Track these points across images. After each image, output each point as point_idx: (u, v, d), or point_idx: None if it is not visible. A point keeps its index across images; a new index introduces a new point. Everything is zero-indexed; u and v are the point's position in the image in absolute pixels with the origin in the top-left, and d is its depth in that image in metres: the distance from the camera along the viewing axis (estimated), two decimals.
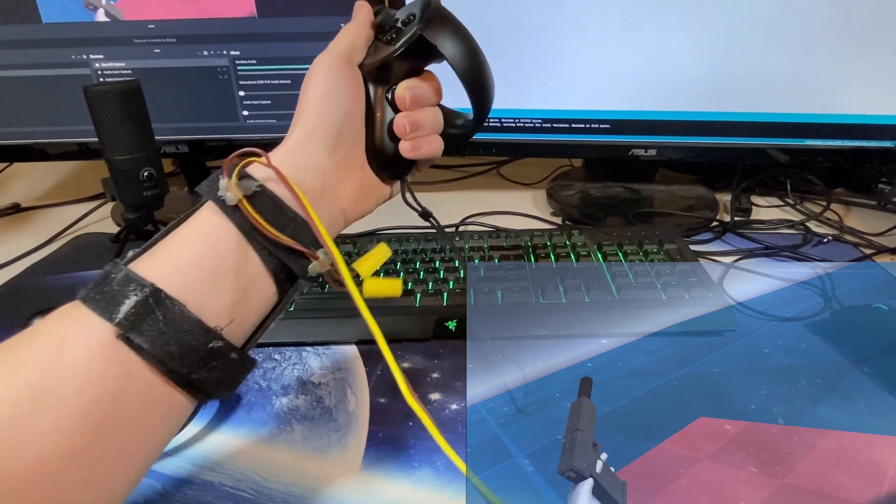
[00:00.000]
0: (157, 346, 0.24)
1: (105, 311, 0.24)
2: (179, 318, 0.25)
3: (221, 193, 0.27)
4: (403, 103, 0.33)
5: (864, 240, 0.64)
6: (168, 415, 0.26)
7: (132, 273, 0.25)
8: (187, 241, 0.27)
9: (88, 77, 0.65)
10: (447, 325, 0.48)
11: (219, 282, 0.26)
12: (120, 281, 0.25)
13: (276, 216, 0.28)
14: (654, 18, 0.61)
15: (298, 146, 0.31)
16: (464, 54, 0.33)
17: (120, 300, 0.24)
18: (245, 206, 0.27)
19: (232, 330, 0.27)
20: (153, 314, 0.24)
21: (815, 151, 0.66)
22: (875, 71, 0.61)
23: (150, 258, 0.26)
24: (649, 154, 0.68)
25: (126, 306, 0.24)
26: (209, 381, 0.26)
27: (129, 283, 0.24)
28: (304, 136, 0.31)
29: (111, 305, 0.24)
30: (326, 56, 0.33)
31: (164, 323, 0.24)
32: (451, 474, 0.37)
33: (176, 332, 0.24)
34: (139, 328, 0.24)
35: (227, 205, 0.27)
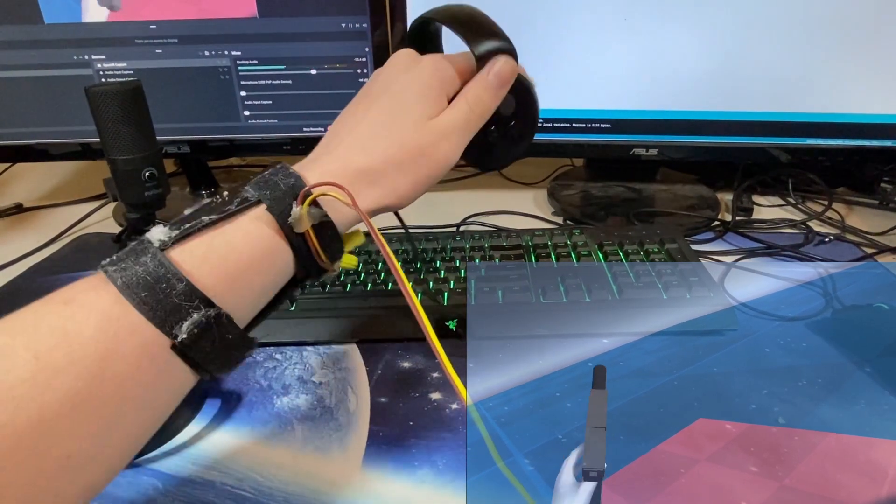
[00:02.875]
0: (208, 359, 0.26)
1: (157, 318, 0.24)
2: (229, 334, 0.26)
3: (292, 221, 0.28)
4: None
5: (866, 239, 0.64)
6: (165, 389, 0.26)
7: (165, 261, 0.25)
8: (239, 249, 0.27)
9: (90, 77, 0.65)
10: (448, 325, 0.48)
11: (255, 289, 0.28)
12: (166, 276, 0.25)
13: (331, 243, 0.29)
14: (656, 18, 0.61)
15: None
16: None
17: (179, 312, 0.25)
18: (311, 237, 0.28)
19: (242, 318, 0.28)
20: (210, 332, 0.25)
21: (816, 151, 0.66)
22: (877, 70, 0.61)
23: (198, 256, 0.26)
24: (650, 153, 0.68)
25: (186, 323, 0.25)
26: (213, 360, 0.26)
27: (186, 292, 0.25)
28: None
29: (166, 315, 0.24)
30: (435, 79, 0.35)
31: (218, 340, 0.26)
32: (452, 473, 0.37)
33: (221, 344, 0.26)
34: (197, 346, 0.25)
35: (293, 230, 0.28)
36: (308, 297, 0.51)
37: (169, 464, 0.38)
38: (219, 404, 0.43)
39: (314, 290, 0.52)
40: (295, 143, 0.70)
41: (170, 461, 0.38)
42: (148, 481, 0.37)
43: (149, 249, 0.25)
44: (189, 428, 0.41)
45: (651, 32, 0.61)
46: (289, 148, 0.70)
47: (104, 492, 0.36)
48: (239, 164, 0.89)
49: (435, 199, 0.78)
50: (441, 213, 0.71)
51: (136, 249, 0.26)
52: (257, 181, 0.29)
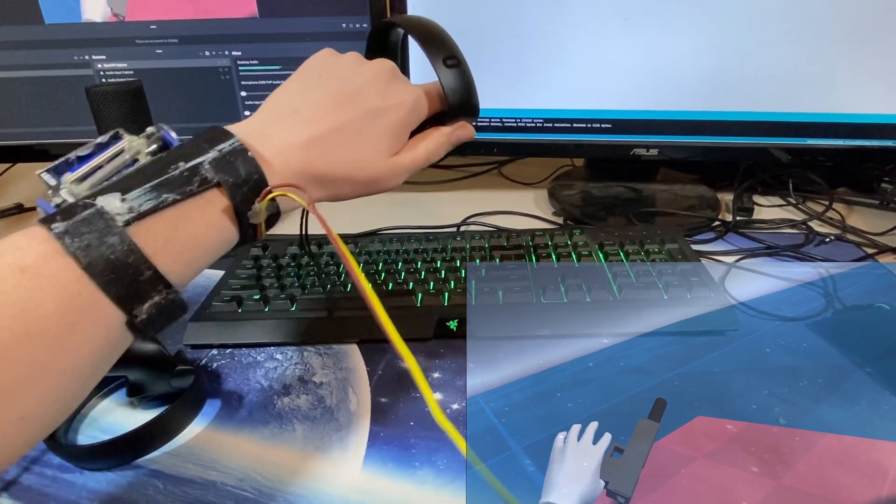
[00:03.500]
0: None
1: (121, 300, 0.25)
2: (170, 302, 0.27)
3: (250, 214, 0.29)
4: None
5: (867, 239, 0.64)
6: (107, 343, 0.26)
7: (134, 247, 0.25)
8: (200, 237, 0.28)
9: (91, 78, 0.65)
10: (448, 325, 0.48)
11: (202, 266, 0.29)
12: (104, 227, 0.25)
13: (274, 222, 0.32)
14: (656, 18, 0.61)
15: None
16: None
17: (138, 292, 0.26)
18: (262, 228, 0.31)
19: (179, 281, 0.28)
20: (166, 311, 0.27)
21: (817, 151, 0.66)
22: (877, 70, 0.61)
23: (158, 235, 0.27)
24: (651, 154, 0.68)
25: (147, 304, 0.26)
26: (151, 316, 0.26)
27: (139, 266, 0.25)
28: None
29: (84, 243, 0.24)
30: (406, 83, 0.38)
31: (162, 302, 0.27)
32: (453, 474, 0.37)
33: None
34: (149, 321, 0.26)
35: (249, 221, 0.30)
36: (308, 297, 0.51)
37: (169, 464, 0.38)
38: (219, 405, 0.43)
39: (314, 291, 0.52)
40: None
41: (170, 461, 0.38)
42: (148, 481, 0.37)
43: (113, 228, 0.25)
44: (190, 428, 0.41)
45: (651, 32, 0.61)
46: None
47: (104, 492, 0.36)
48: None
49: (435, 199, 0.78)
50: (441, 213, 0.71)
51: (95, 223, 0.25)
52: (216, 162, 0.29)
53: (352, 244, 0.59)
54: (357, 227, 0.68)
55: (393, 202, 0.77)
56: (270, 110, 0.34)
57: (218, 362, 0.47)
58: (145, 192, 0.27)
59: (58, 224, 0.25)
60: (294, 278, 0.53)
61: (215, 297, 0.52)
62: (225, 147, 0.29)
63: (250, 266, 0.56)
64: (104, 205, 0.25)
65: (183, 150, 0.29)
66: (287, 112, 0.33)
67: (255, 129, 0.32)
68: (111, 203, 0.26)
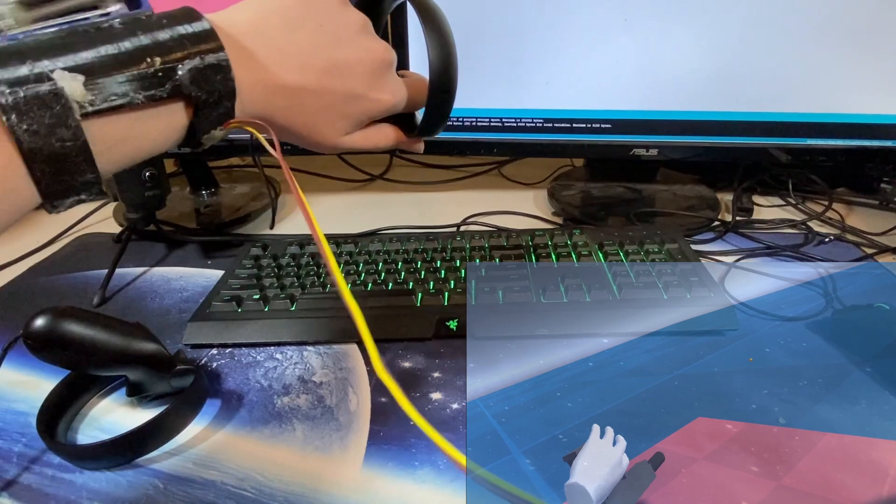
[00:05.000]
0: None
1: (47, 194, 0.23)
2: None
3: (206, 138, 0.28)
4: None
5: (866, 239, 0.64)
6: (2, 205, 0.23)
7: (86, 149, 0.23)
8: (150, 142, 0.26)
9: None
10: (448, 325, 0.48)
11: (134, 157, 0.27)
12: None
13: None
14: (656, 18, 0.61)
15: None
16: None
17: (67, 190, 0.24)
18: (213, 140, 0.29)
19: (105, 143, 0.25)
20: (81, 201, 0.25)
21: (816, 151, 0.66)
22: (877, 70, 0.61)
23: (111, 135, 0.24)
24: (650, 154, 0.68)
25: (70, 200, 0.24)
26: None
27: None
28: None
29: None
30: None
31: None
32: (453, 473, 0.37)
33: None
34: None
35: (199, 137, 0.28)
36: (308, 296, 0.51)
37: (169, 464, 0.38)
38: (219, 404, 0.43)
39: (314, 290, 0.52)
40: None
41: (170, 461, 0.38)
42: (148, 481, 0.37)
43: (69, 119, 0.22)
44: (189, 428, 0.41)
45: (651, 32, 0.61)
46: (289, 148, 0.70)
47: (104, 491, 0.36)
48: (239, 164, 0.89)
49: (435, 199, 0.78)
50: (441, 213, 0.71)
51: (50, 106, 0.22)
52: (195, 72, 0.26)
53: (352, 244, 0.59)
54: (357, 227, 0.68)
55: (393, 202, 0.77)
56: (259, 28, 0.30)
57: (218, 362, 0.47)
58: (113, 84, 0.23)
59: (5, 91, 0.21)
60: (294, 278, 0.53)
61: (215, 297, 0.52)
62: (209, 58, 0.26)
63: (250, 266, 0.56)
64: (64, 86, 0.22)
65: (158, 38, 0.25)
66: (272, 45, 0.30)
67: (237, 42, 0.28)
68: (73, 86, 0.22)
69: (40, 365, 0.38)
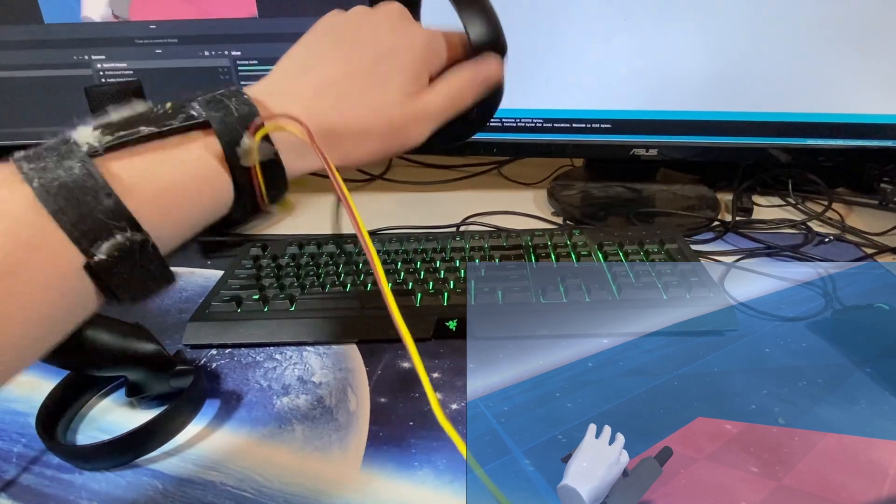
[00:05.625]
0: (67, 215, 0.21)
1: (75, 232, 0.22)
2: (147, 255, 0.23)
3: (240, 152, 0.25)
4: None
5: (866, 239, 0.64)
6: (63, 292, 0.22)
7: (94, 170, 0.22)
8: (177, 174, 0.25)
9: (90, 77, 0.65)
10: (448, 325, 0.48)
11: (186, 219, 0.25)
12: (80, 163, 0.22)
13: (276, 184, 0.27)
14: (655, 18, 0.61)
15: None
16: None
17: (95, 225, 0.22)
18: (257, 173, 0.25)
19: (169, 241, 0.25)
20: (132, 258, 0.23)
21: (816, 151, 0.66)
22: (877, 70, 0.61)
23: (128, 168, 0.23)
24: (650, 154, 0.68)
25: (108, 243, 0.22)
26: (122, 281, 0.23)
27: (105, 198, 0.22)
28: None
29: (84, 225, 0.21)
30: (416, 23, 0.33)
31: (138, 266, 0.23)
32: (452, 474, 0.37)
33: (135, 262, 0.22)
34: (113, 272, 0.22)
35: (239, 161, 0.25)
36: (308, 297, 0.51)
37: (169, 464, 0.38)
38: (218, 404, 0.43)
39: (314, 291, 0.52)
40: None
41: (170, 461, 0.38)
42: (148, 481, 0.37)
43: (76, 153, 0.22)
44: (189, 428, 0.41)
45: (651, 32, 0.61)
46: None
47: (104, 492, 0.36)
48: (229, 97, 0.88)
49: (435, 199, 0.78)
50: (441, 213, 0.71)
51: (58, 149, 0.22)
52: (208, 99, 0.26)
53: (351, 244, 0.59)
54: None
55: (393, 202, 0.77)
56: (278, 71, 0.30)
57: (217, 362, 0.47)
58: (121, 123, 0.24)
59: (21, 152, 0.22)
60: (293, 278, 0.53)
61: (214, 297, 0.52)
62: (222, 90, 0.26)
63: (250, 266, 0.56)
64: (73, 134, 0.23)
65: (177, 97, 0.26)
66: (295, 69, 0.30)
67: (260, 88, 0.29)
68: (82, 132, 0.23)
69: (40, 365, 0.38)
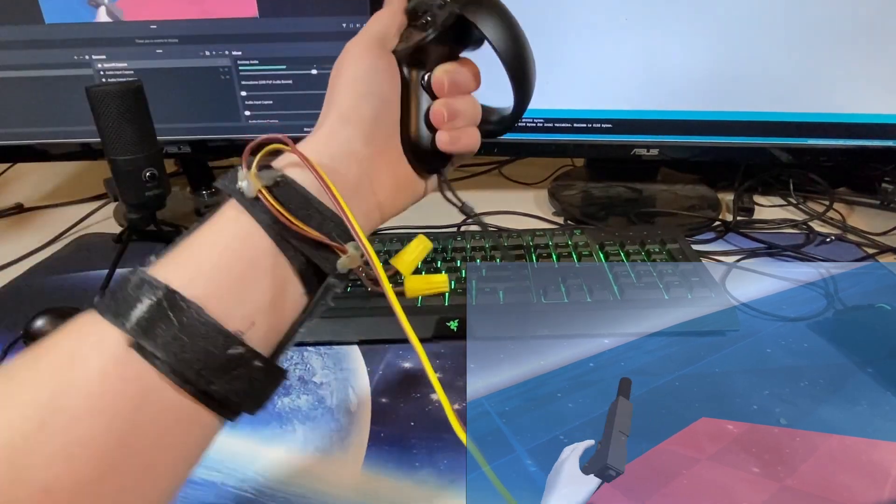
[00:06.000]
0: (172, 354, 0.21)
1: (117, 317, 0.22)
2: (196, 323, 0.22)
3: (240, 184, 0.25)
4: (441, 88, 0.31)
5: (868, 239, 0.64)
6: (192, 434, 0.23)
7: (147, 276, 0.23)
8: (210, 241, 0.25)
9: (91, 77, 0.65)
10: (449, 325, 0.48)
11: (244, 286, 0.24)
12: (134, 285, 0.23)
13: (300, 207, 0.25)
14: (656, 18, 0.61)
15: (332, 134, 0.29)
16: (506, 33, 0.31)
17: (132, 304, 0.22)
18: (265, 196, 0.25)
19: (256, 336, 0.24)
20: (167, 318, 0.22)
21: (817, 151, 0.66)
22: (878, 70, 0.61)
23: (170, 261, 0.24)
24: (651, 154, 0.68)
25: (138, 311, 0.22)
26: (232, 394, 0.23)
27: (143, 286, 0.22)
28: (338, 122, 0.29)
29: (123, 311, 0.22)
30: (359, 40, 0.31)
31: (179, 328, 0.22)
32: (453, 474, 0.37)
33: (192, 337, 0.22)
34: (152, 334, 0.21)
35: (246, 197, 0.25)
36: None
37: None
38: None
39: None
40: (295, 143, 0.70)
41: None
42: None
43: (155, 286, 0.23)
44: None
45: (651, 32, 0.61)
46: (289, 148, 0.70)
47: None
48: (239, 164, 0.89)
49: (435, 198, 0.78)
50: (442, 213, 0.71)
51: (162, 315, 0.22)
52: (228, 173, 0.26)
53: None
54: None
55: None
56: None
57: None
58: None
59: (123, 320, 0.22)
60: None
61: None
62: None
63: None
64: (144, 274, 0.23)
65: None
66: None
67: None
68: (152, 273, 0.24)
69: None
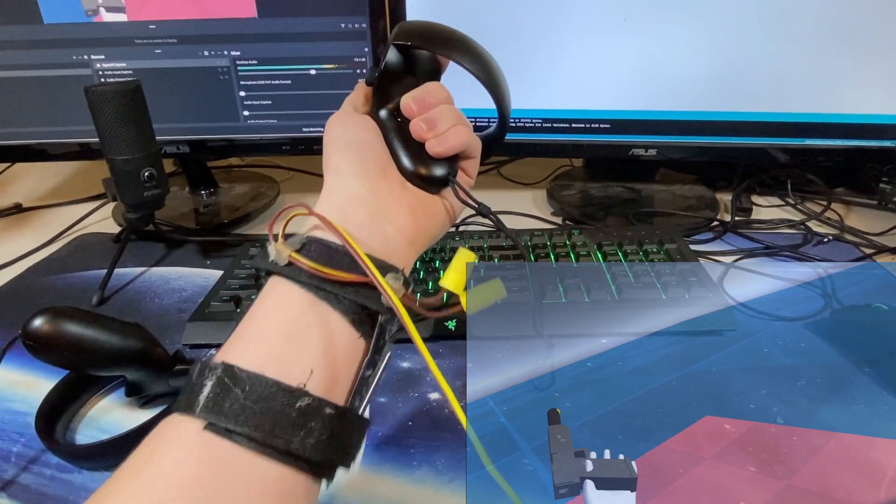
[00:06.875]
0: (243, 422, 0.22)
1: (188, 408, 0.23)
2: (259, 388, 0.23)
3: (273, 258, 0.27)
4: (410, 111, 0.33)
5: (865, 239, 0.64)
6: (286, 501, 0.23)
7: (206, 362, 0.24)
8: (258, 315, 0.27)
9: (89, 77, 0.65)
10: (447, 325, 0.48)
11: (295, 343, 0.25)
12: (197, 374, 0.24)
13: (331, 258, 0.27)
14: (655, 18, 0.61)
15: (333, 189, 0.31)
16: (448, 39, 0.34)
17: (198, 391, 0.23)
18: (297, 258, 0.27)
19: (317, 385, 0.25)
20: (230, 392, 0.23)
21: (815, 151, 0.66)
22: (876, 70, 0.61)
23: (226, 344, 0.26)
24: (649, 154, 0.68)
25: (204, 394, 0.23)
26: (312, 448, 0.23)
27: (204, 372, 0.24)
28: (334, 177, 0.32)
29: (192, 400, 0.23)
30: (335, 113, 0.35)
31: (244, 397, 0.23)
32: (452, 473, 0.37)
33: (258, 401, 0.23)
34: (220, 410, 0.22)
35: (280, 266, 0.27)
36: None
37: None
38: None
39: None
40: (294, 143, 0.70)
41: None
42: None
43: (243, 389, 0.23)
44: None
45: (651, 32, 0.61)
46: (288, 148, 0.70)
47: None
48: (238, 164, 0.89)
49: None
50: None
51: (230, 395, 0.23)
52: (258, 253, 0.29)
53: None
54: None
55: None
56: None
57: None
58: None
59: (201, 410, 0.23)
60: None
61: (214, 297, 0.52)
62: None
63: (249, 266, 0.56)
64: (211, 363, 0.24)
65: None
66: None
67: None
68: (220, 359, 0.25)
69: (39, 365, 0.38)
